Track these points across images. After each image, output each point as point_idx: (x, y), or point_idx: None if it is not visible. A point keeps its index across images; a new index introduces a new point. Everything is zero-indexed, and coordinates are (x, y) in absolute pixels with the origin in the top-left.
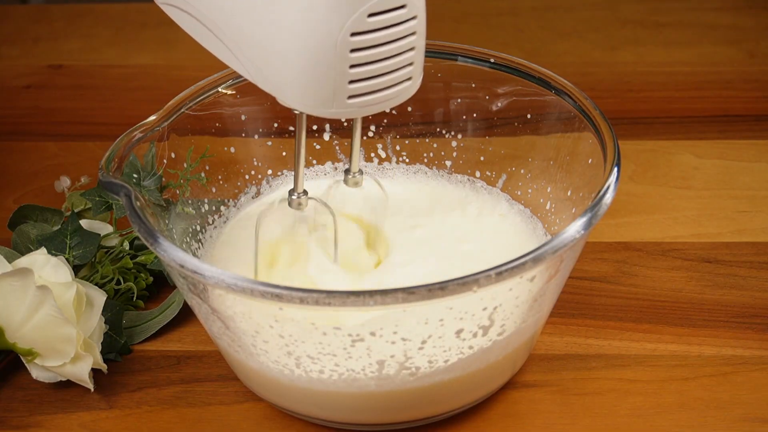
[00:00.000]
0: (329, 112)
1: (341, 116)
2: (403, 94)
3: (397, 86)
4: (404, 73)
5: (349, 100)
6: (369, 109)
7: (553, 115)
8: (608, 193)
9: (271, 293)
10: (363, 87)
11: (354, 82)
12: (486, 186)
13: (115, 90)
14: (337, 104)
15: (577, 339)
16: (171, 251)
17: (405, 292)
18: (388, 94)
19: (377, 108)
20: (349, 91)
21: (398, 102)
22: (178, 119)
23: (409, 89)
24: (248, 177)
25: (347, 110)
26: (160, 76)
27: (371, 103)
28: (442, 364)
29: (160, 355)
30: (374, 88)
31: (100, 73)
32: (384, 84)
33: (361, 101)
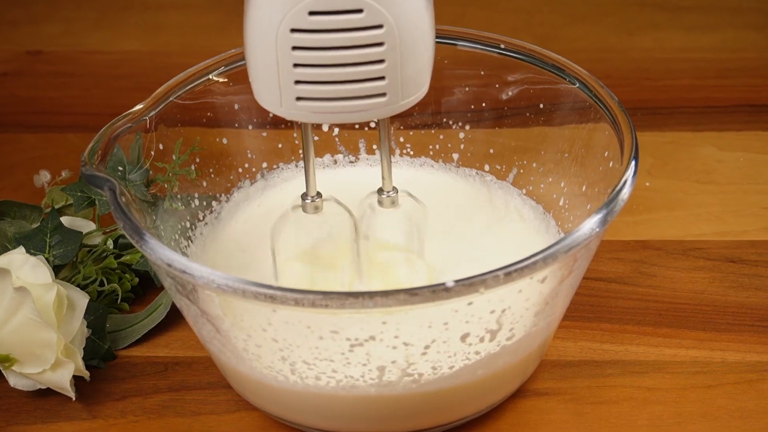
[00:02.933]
0: (280, 111)
1: (293, 118)
2: (374, 110)
3: (364, 100)
4: (372, 87)
5: (299, 102)
6: (325, 117)
7: (567, 105)
8: (625, 188)
9: (264, 294)
10: (312, 90)
11: (301, 83)
12: (496, 180)
13: (98, 78)
14: (286, 104)
15: (592, 344)
16: (158, 250)
17: (407, 294)
18: (350, 105)
19: (337, 118)
20: (296, 92)
21: (367, 117)
22: (166, 109)
23: (384, 106)
24: (241, 170)
25: (298, 112)
26: (147, 62)
27: (327, 110)
28: (446, 370)
29: (147, 361)
30: (327, 95)
31: (82, 60)
32: (341, 93)
33: (313, 106)
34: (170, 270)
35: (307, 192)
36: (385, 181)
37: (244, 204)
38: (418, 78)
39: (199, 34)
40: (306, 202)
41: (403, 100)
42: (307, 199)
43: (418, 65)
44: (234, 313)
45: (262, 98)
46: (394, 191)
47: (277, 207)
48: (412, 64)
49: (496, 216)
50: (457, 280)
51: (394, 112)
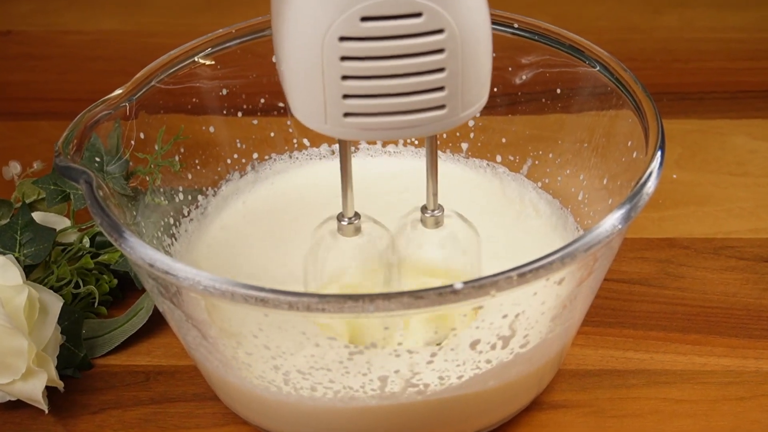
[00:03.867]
0: (324, 129)
1: (340, 136)
2: (432, 125)
3: (420, 113)
4: (430, 99)
5: (347, 118)
6: (376, 134)
7: (587, 90)
8: (650, 181)
9: (254, 297)
10: (362, 105)
11: (349, 97)
12: (509, 172)
13: (73, 60)
14: (332, 121)
15: (614, 352)
16: (139, 248)
17: (411, 297)
18: (405, 120)
19: (390, 135)
20: (344, 108)
21: (424, 132)
22: (147, 94)
23: (442, 120)
24: (230, 162)
25: (345, 130)
26: (127, 43)
27: (379, 126)
28: (455, 380)
29: (126, 370)
30: (380, 110)
31: (56, 40)
32: (396, 107)
33: (363, 122)
34: (152, 270)
35: (344, 213)
36: (431, 198)
37: (233, 198)
38: (479, 86)
39: (183, 12)
40: (342, 224)
41: (464, 111)
42: (344, 220)
43: (480, 72)
44: (222, 318)
45: (302, 114)
46: (439, 210)
47: (268, 201)
48: (473, 71)
49: (509, 211)
50: (465, 282)
51: (453, 125)
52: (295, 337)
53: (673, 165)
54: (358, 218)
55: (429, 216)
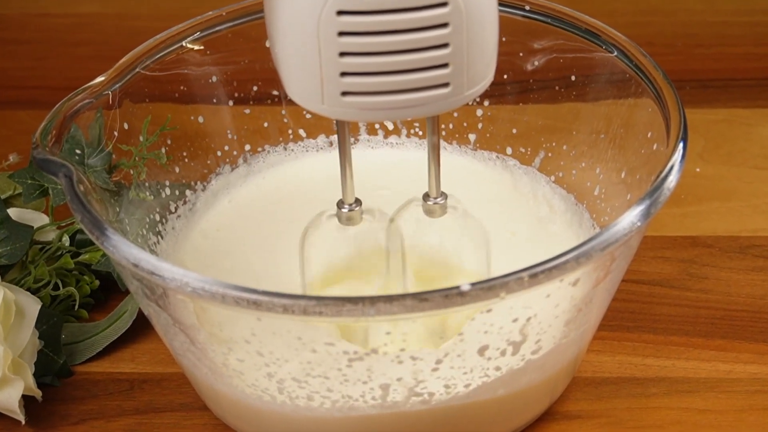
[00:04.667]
0: (321, 109)
1: (338, 116)
2: (435, 104)
3: (423, 92)
4: (433, 77)
5: (345, 97)
6: (376, 114)
7: (603, 77)
8: (672, 175)
9: (246, 299)
10: (361, 84)
11: (348, 75)
12: (520, 165)
13: (52, 45)
14: (329, 100)
15: (633, 358)
16: (122, 247)
17: (415, 299)
18: (406, 99)
19: (390, 114)
20: (342, 86)
21: (427, 112)
22: (131, 81)
23: (446, 98)
24: (220, 154)
25: (343, 110)
26: (110, 27)
27: (379, 106)
28: (461, 389)
29: (109, 378)
30: (380, 88)
31: (33, 24)
32: (397, 85)
33: (363, 101)
34: (136, 271)
35: (343, 200)
36: (433, 185)
37: (224, 193)
38: (485, 63)
39: None
40: (342, 212)
41: (469, 90)
42: (344, 207)
43: (486, 48)
44: (211, 322)
45: (297, 94)
46: (442, 197)
47: (262, 196)
48: (479, 47)
49: (520, 207)
50: (473, 283)
51: (457, 104)
52: (290, 343)
53: (696, 158)
54: (359, 205)
55: (431, 204)
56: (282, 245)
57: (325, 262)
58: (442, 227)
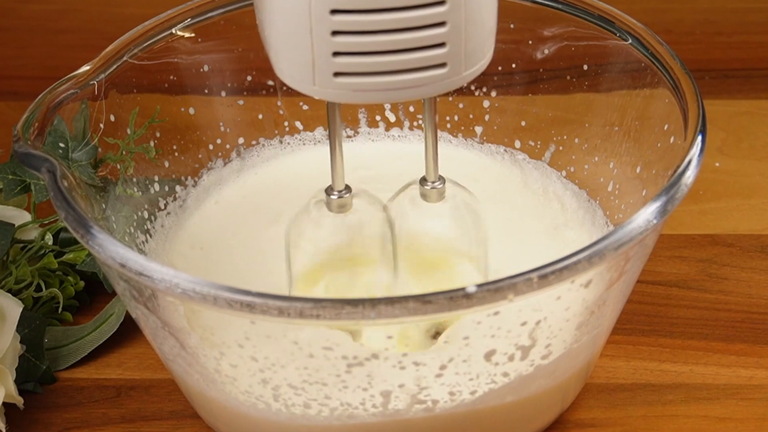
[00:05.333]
0: (312, 90)
1: (330, 98)
2: (431, 85)
3: (419, 72)
4: (429, 57)
5: (337, 78)
6: (370, 96)
7: (617, 66)
8: (690, 170)
9: (240, 302)
10: (354, 64)
11: (340, 54)
12: (529, 159)
13: (35, 32)
14: (321, 81)
15: (649, 363)
16: (109, 246)
17: (418, 302)
18: (401, 80)
19: (385, 96)
20: (334, 66)
21: (423, 94)
22: (118, 71)
23: (443, 79)
24: (212, 148)
25: (336, 91)
26: (95, 13)
27: (373, 87)
28: (467, 396)
29: (95, 384)
30: (374, 68)
31: (14, 11)
32: (391, 65)
33: (356, 83)
34: (124, 271)
35: (333, 186)
36: (430, 169)
37: (216, 189)
38: (483, 42)
39: None
40: (331, 198)
41: (467, 70)
42: (333, 194)
43: (485, 26)
44: (203, 326)
45: (287, 75)
46: (440, 181)
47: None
48: (478, 25)
49: (529, 204)
50: (479, 285)
51: (455, 86)
52: (285, 347)
53: (716, 152)
54: (349, 192)
55: (429, 188)
56: (278, 244)
57: (314, 252)
58: (440, 213)
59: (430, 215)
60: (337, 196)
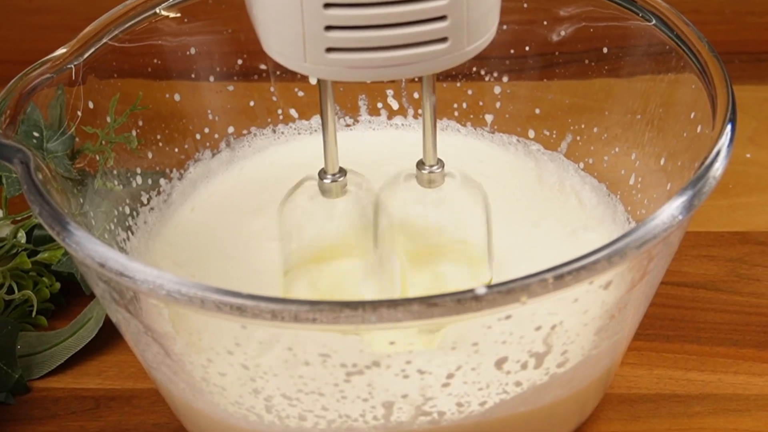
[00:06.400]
0: (303, 67)
1: (323, 75)
2: (431, 61)
3: (418, 48)
4: (429, 31)
5: (330, 54)
6: (365, 73)
7: (640, 49)
8: (718, 162)
9: (229, 305)
10: (348, 38)
11: (333, 29)
12: (544, 150)
13: (7, 13)
14: (312, 58)
15: (674, 372)
16: (87, 244)
17: (422, 304)
18: (399, 56)
19: (381, 73)
20: (327, 41)
21: (422, 71)
22: (98, 54)
23: (444, 55)
24: (200, 137)
25: (329, 68)
26: None
27: (368, 63)
28: (476, 407)
29: (72, 395)
30: (370, 43)
31: None
32: (388, 40)
33: (350, 59)
34: (103, 272)
35: (326, 169)
36: (428, 152)
37: (203, 183)
38: (487, 14)
39: None
40: (324, 182)
41: (469, 45)
42: (326, 177)
43: None
44: (189, 330)
45: (276, 51)
46: (439, 165)
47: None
48: None
49: (544, 198)
50: (490, 286)
51: (456, 62)
52: (279, 354)
53: (747, 142)
54: (343, 175)
55: (426, 173)
56: (271, 242)
57: (306, 240)
58: (439, 199)
59: (428, 201)
60: (331, 179)
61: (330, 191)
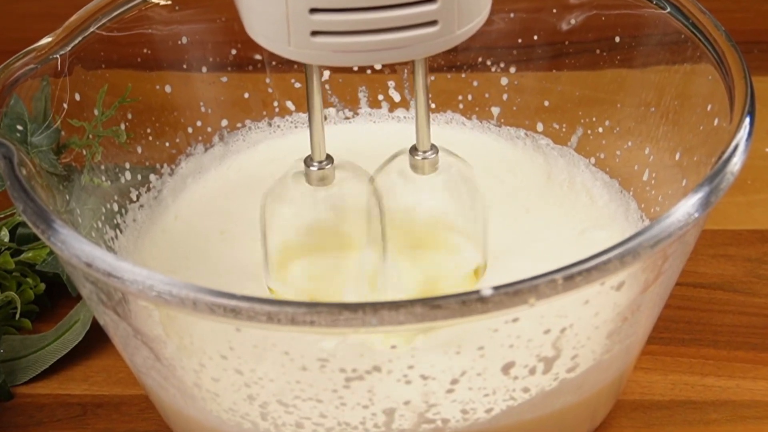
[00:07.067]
0: (288, 51)
1: (307, 60)
2: (420, 45)
3: (406, 31)
4: (418, 13)
5: (315, 38)
6: (351, 57)
7: (654, 38)
8: (736, 157)
9: (224, 306)
10: (334, 21)
11: (318, 11)
12: (553, 145)
13: None
14: (297, 41)
15: (689, 377)
16: (73, 243)
17: (426, 306)
18: (387, 39)
19: (368, 57)
20: (311, 24)
21: (411, 55)
22: (85, 43)
23: (434, 39)
24: (192, 131)
25: (313, 52)
26: None
27: (354, 47)
28: (482, 414)
29: (57, 402)
30: (356, 26)
31: None
32: (376, 23)
33: (336, 42)
34: (90, 272)
35: (312, 156)
36: (422, 136)
37: (195, 178)
38: None
39: None
40: (311, 170)
41: (460, 29)
42: (313, 165)
43: None
44: (181, 334)
45: (260, 33)
46: (432, 151)
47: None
48: None
49: (553, 195)
50: (496, 287)
51: (447, 46)
52: (275, 359)
53: (766, 135)
54: (331, 163)
55: (420, 158)
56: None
57: (291, 231)
58: (433, 186)
59: (421, 188)
60: (317, 167)
61: (317, 179)
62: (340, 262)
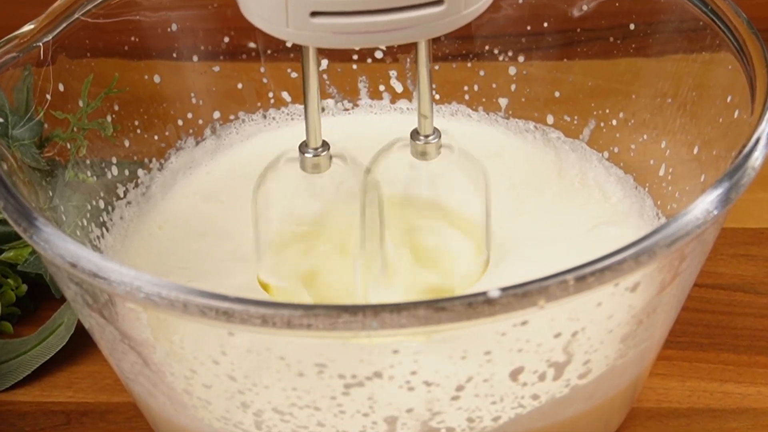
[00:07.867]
0: (286, 33)
1: (307, 42)
2: (425, 26)
3: (410, 11)
4: None
5: (314, 18)
6: (353, 39)
7: (671, 26)
8: (757, 151)
9: (216, 309)
10: (334, 1)
11: None
12: (564, 138)
13: None
14: (295, 23)
15: (708, 384)
16: (57, 242)
17: (429, 308)
18: (390, 20)
19: (370, 39)
20: (310, 5)
21: (414, 37)
22: (69, 30)
23: (439, 19)
24: (182, 123)
25: (313, 34)
26: None
27: (356, 29)
28: (489, 423)
29: (40, 409)
30: (358, 6)
31: None
32: (377, 3)
33: (336, 24)
34: (75, 272)
35: (307, 142)
36: (424, 120)
37: (185, 174)
38: None
39: None
40: (306, 157)
41: (466, 9)
42: (308, 152)
43: None
44: (170, 338)
45: (256, 15)
46: (435, 135)
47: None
48: None
49: (564, 191)
50: (504, 288)
51: (452, 27)
52: (270, 364)
53: None
54: (326, 149)
55: (422, 143)
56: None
57: (285, 220)
58: (434, 172)
59: (422, 175)
60: (312, 154)
61: (312, 166)
62: (336, 257)
